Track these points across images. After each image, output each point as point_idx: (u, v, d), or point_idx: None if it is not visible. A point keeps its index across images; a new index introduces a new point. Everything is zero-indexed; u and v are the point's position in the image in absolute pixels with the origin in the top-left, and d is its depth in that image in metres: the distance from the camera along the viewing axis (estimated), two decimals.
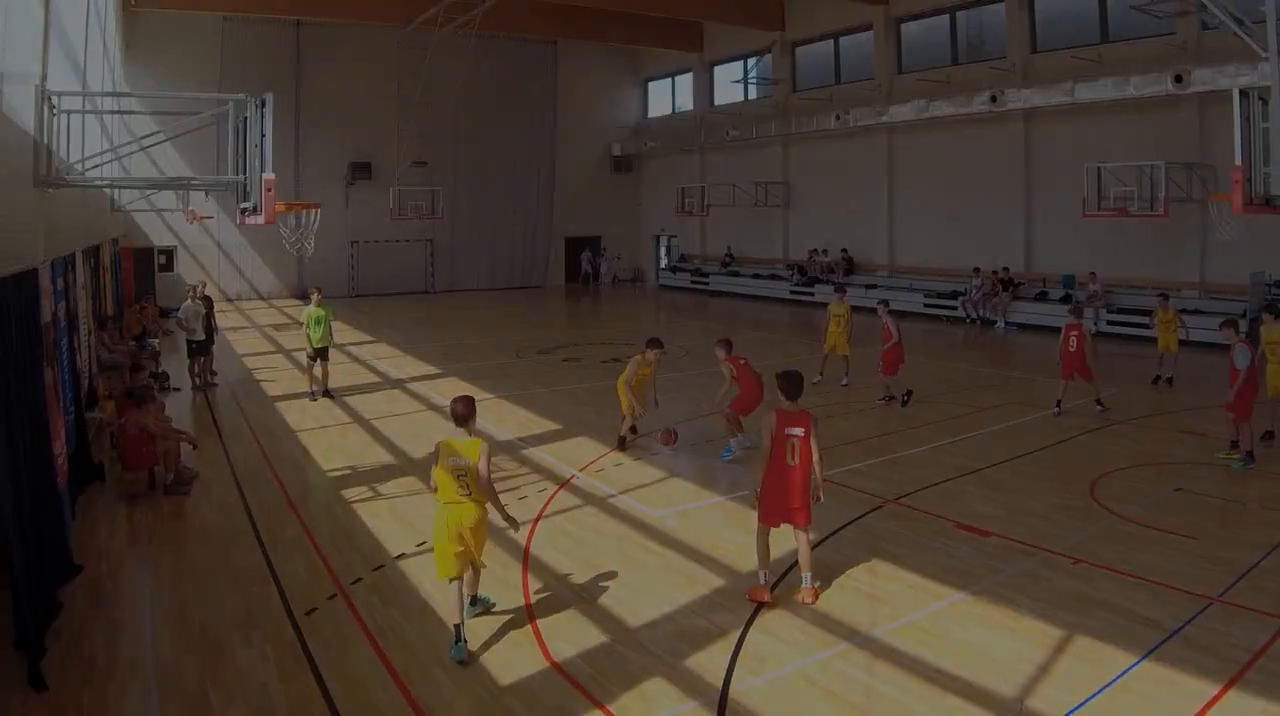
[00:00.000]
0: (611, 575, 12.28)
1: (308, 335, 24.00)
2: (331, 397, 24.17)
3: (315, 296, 24.62)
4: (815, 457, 11.34)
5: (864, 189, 46.67)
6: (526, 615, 11.08)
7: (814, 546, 11.95)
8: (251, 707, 9.02)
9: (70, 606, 11.21)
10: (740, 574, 12.19)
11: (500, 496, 10.56)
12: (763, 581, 11.43)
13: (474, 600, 10.96)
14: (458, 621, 10.07)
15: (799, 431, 11.29)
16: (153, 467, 16.17)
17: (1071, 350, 21.25)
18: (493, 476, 10.45)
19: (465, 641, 10.00)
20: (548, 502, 15.44)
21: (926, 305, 41.54)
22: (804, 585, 11.36)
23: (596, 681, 9.45)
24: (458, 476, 10.18)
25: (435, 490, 10.38)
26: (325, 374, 24.50)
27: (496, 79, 55.97)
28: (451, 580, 10.18)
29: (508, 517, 10.56)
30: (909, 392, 22.41)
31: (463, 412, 10.48)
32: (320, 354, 24.11)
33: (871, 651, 10.06)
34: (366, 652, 10.11)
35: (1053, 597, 11.24)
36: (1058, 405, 21.35)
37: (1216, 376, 19.87)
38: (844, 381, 24.55)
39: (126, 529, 14.56)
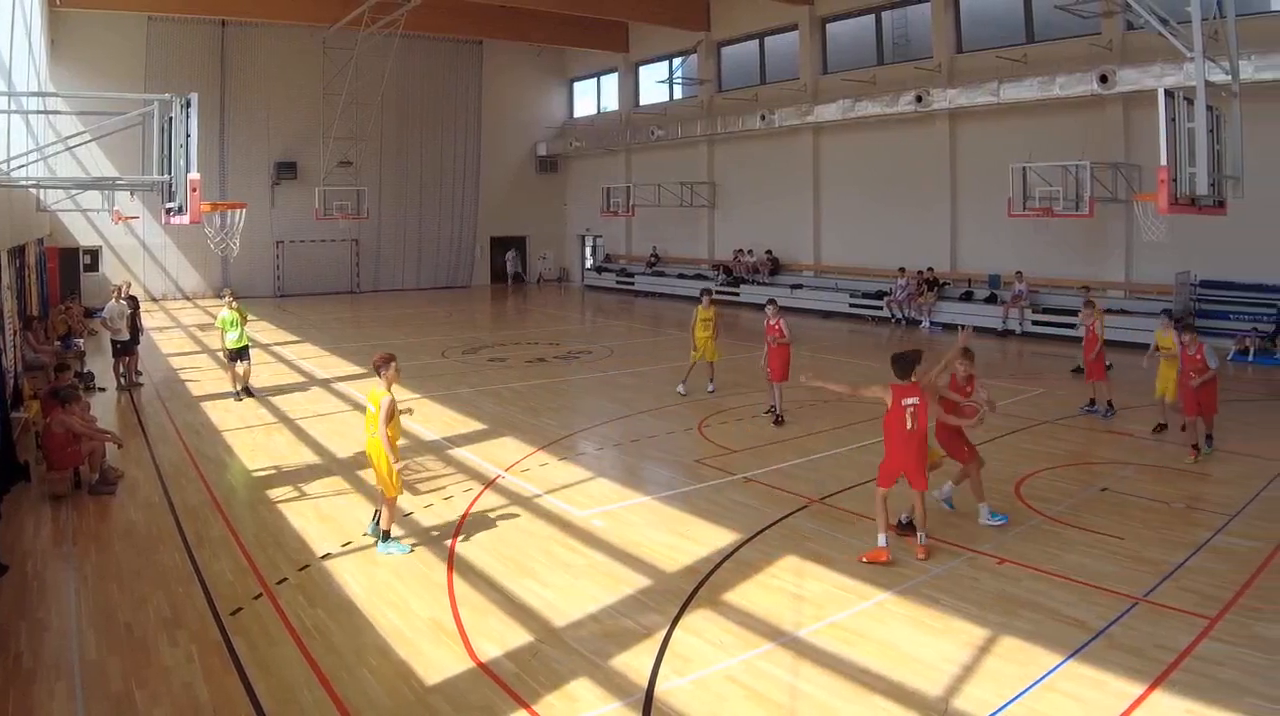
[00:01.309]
0: (537, 575, 12.29)
1: (223, 337, 23.99)
2: (252, 395, 24.11)
3: (227, 298, 24.64)
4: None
5: (790, 189, 46.70)
6: (452, 614, 11.06)
7: (740, 544, 12.05)
8: (177, 707, 8.97)
9: None
10: (666, 573, 12.26)
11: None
12: (883, 543, 12.47)
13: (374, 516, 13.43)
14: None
15: (914, 401, 12.73)
16: (78, 467, 16.09)
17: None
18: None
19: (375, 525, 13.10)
20: (473, 502, 15.39)
21: (852, 305, 41.54)
22: (919, 541, 12.66)
23: (522, 681, 9.45)
24: (367, 416, 12.94)
25: None
26: (246, 372, 24.43)
27: (422, 79, 56.17)
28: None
29: (391, 457, 12.69)
30: (774, 410, 21.49)
31: (375, 364, 13.24)
32: (240, 353, 24.09)
33: (796, 651, 10.06)
34: (292, 652, 10.06)
35: (978, 597, 11.29)
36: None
37: (1144, 377, 19.98)
38: (710, 388, 23.98)
39: (51, 529, 14.44)
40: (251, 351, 24.95)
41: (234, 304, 24.25)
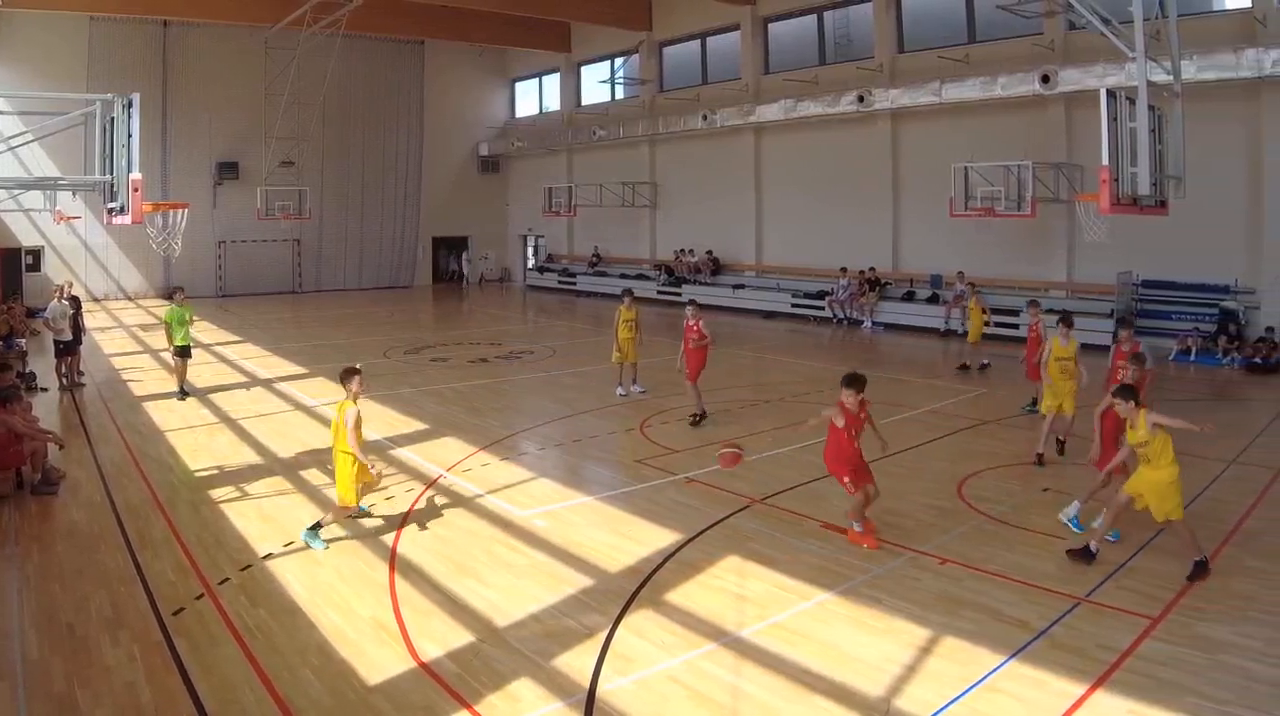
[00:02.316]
0: (479, 575, 12.26)
1: (171, 334, 24.08)
2: (189, 394, 23.98)
3: (179, 297, 24.78)
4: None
5: (732, 189, 46.71)
6: (394, 614, 11.03)
7: (682, 544, 11.90)
8: (119, 707, 8.91)
9: None
10: (608, 573, 12.25)
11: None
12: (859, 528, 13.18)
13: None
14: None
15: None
16: (19, 468, 15.93)
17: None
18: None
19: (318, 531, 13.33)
20: (415, 502, 15.32)
21: (794, 305, 41.63)
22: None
23: (464, 681, 9.41)
24: (333, 425, 13.70)
25: None
26: (184, 371, 24.48)
27: (364, 79, 56.25)
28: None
29: (355, 466, 13.29)
30: (702, 413, 21.21)
31: (340, 377, 13.78)
32: (185, 351, 24.28)
33: (738, 651, 10.04)
34: (234, 652, 10.00)
35: (920, 597, 11.29)
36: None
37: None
38: (637, 388, 23.80)
39: None
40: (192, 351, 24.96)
41: (183, 302, 24.42)
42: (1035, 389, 21.74)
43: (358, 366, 13.87)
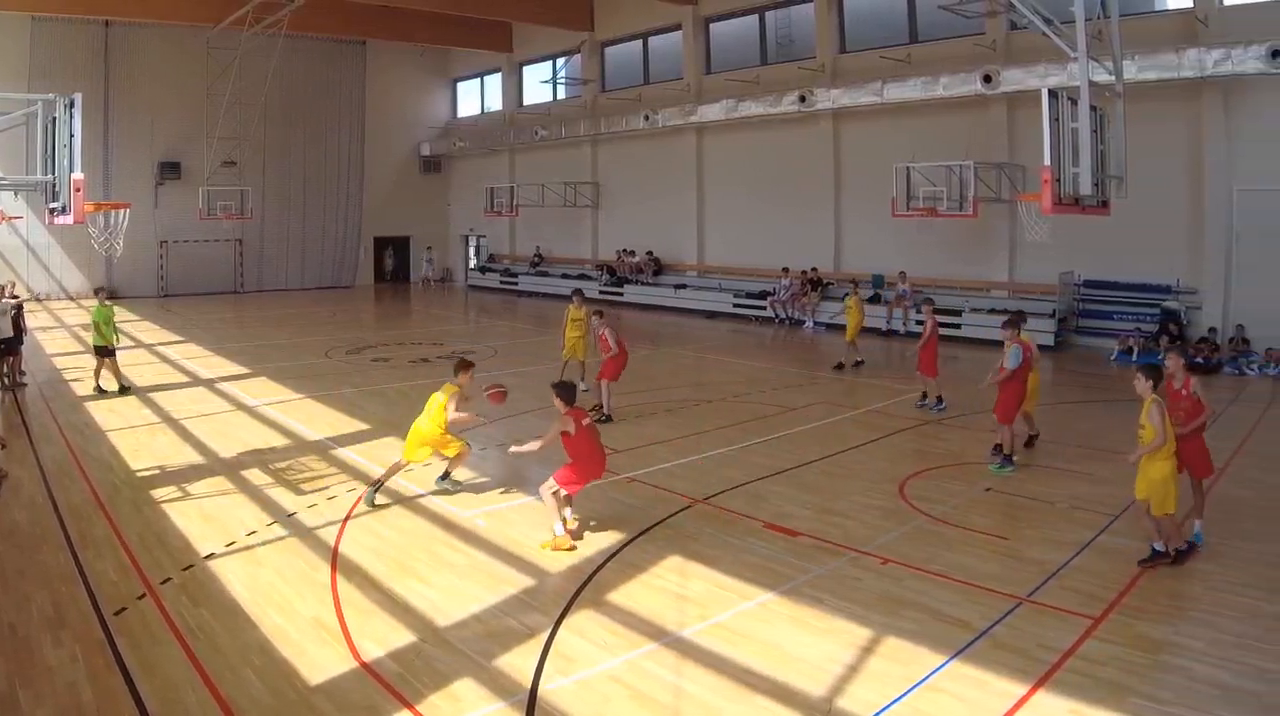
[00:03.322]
0: (421, 575, 12.23)
1: (99, 333, 24.13)
2: (104, 393, 24.13)
3: (101, 296, 25.13)
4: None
5: (673, 189, 46.74)
6: (335, 614, 10.97)
7: (624, 544, 11.61)
8: (60, 707, 8.84)
9: None
10: (550, 573, 12.25)
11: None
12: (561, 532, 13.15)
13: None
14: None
15: (588, 420, 13.59)
16: None
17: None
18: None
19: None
20: (356, 502, 15.14)
21: (736, 305, 41.62)
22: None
23: (406, 681, 9.39)
24: (431, 399, 15.18)
25: None
26: (100, 370, 24.63)
27: (305, 79, 55.93)
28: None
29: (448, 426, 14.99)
30: (599, 407, 21.14)
31: (455, 367, 15.41)
32: (110, 351, 24.30)
33: (680, 651, 10.04)
34: (176, 652, 9.93)
35: (862, 597, 11.28)
36: None
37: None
38: (582, 386, 23.76)
39: None
40: (119, 353, 24.96)
41: (107, 301, 24.51)
42: (924, 383, 21.91)
43: (471, 360, 15.93)
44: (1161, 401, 11.83)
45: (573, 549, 12.85)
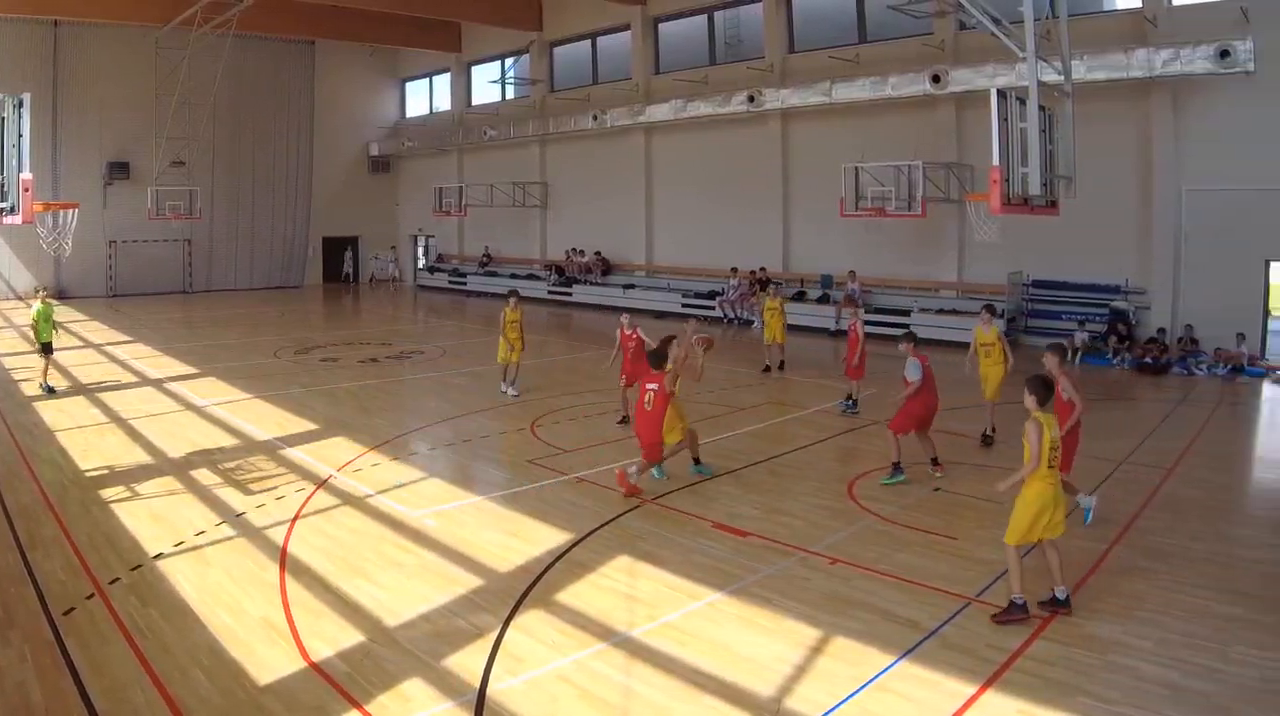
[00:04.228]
0: (369, 575, 12.19)
1: (37, 332, 24.30)
2: (53, 392, 24.04)
3: (42, 295, 25.17)
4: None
5: (622, 189, 46.75)
6: (284, 614, 10.92)
7: (573, 544, 11.79)
8: (9, 707, 8.79)
9: None
10: (498, 573, 12.21)
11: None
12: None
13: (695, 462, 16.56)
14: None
15: (654, 386, 15.31)
16: None
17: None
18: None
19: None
20: (305, 502, 15.14)
21: (684, 305, 41.29)
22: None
23: (354, 681, 9.37)
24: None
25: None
26: (47, 369, 24.73)
27: (254, 79, 55.75)
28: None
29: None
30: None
31: (660, 346, 15.98)
32: (49, 348, 24.50)
33: (629, 651, 10.05)
34: (125, 652, 9.87)
35: (811, 597, 11.28)
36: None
37: (969, 377, 19.86)
38: (513, 390, 23.56)
39: None
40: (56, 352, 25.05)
41: (45, 300, 24.53)
42: (851, 387, 21.91)
43: (674, 336, 16.52)
44: (1042, 420, 11.29)
45: None
